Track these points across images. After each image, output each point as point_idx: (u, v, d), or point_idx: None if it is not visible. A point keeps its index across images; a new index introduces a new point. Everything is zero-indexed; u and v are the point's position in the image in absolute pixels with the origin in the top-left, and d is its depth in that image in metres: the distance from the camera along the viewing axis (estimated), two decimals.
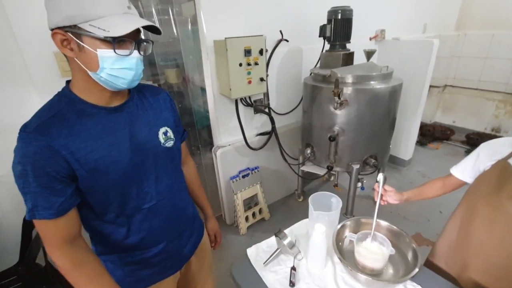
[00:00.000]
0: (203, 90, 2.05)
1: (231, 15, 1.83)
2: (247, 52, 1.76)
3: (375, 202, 1.04)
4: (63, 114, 0.66)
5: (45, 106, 0.68)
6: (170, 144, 0.84)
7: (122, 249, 0.82)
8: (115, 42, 0.63)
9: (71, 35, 0.62)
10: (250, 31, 1.90)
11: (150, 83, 2.04)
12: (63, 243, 0.68)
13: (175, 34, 1.81)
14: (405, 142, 3.06)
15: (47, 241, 0.68)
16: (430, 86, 2.79)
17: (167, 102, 0.88)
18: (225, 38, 1.67)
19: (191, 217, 1.01)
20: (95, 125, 0.69)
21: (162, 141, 0.82)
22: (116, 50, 0.64)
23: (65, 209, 0.66)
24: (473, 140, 3.58)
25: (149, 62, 1.90)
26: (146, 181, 0.79)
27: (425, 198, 1.08)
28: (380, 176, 1.03)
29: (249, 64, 1.80)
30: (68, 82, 0.72)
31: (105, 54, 0.63)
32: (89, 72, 0.65)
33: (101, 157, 0.69)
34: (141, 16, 1.66)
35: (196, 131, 2.24)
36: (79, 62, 0.65)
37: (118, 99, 0.75)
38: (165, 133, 0.83)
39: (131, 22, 0.62)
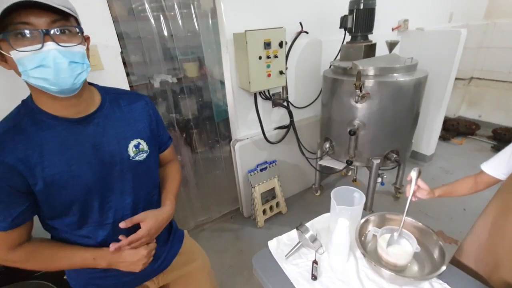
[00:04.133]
0: (222, 83, 2.06)
1: (250, 7, 1.81)
2: (267, 45, 1.74)
3: (396, 197, 1.01)
4: (21, 126, 0.63)
5: (6, 117, 0.66)
6: (141, 157, 0.78)
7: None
8: (12, 37, 0.54)
9: None
10: (269, 23, 1.87)
11: (169, 77, 2.06)
12: (11, 249, 0.67)
13: (196, 27, 1.81)
14: (427, 136, 2.96)
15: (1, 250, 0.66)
16: (455, 79, 2.67)
17: (144, 112, 0.82)
18: (245, 30, 1.66)
19: (165, 232, 0.94)
20: (54, 138, 0.65)
21: (132, 154, 0.76)
22: (18, 47, 0.55)
23: (18, 223, 0.65)
24: (500, 136, 3.40)
25: (170, 57, 1.92)
26: (111, 196, 0.74)
27: (454, 196, 1.03)
28: (414, 172, 0.96)
29: (268, 57, 1.78)
30: None
31: (16, 55, 0.56)
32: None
33: (58, 172, 0.65)
34: (162, 10, 1.68)
35: (215, 124, 2.26)
36: (14, 71, 0.60)
37: (81, 109, 0.69)
38: (137, 146, 0.77)
39: (7, 3, 0.52)
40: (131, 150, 0.76)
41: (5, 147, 0.61)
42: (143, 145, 0.79)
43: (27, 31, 0.55)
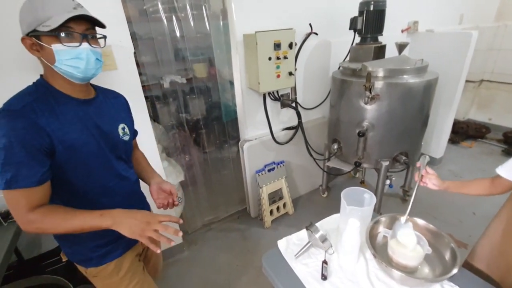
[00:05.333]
0: (231, 84, 2.07)
1: (261, 9, 1.83)
2: (277, 46, 1.75)
3: (404, 200, 1.01)
4: (43, 99, 0.78)
5: (24, 91, 0.79)
6: (126, 138, 0.98)
7: None
8: (62, 36, 0.74)
9: (35, 39, 0.75)
10: (279, 25, 1.89)
11: (179, 77, 2.09)
12: (34, 208, 0.74)
13: (207, 28, 1.83)
14: (436, 139, 2.93)
15: (20, 209, 0.73)
16: (465, 81, 2.64)
17: (124, 105, 1.05)
18: (255, 32, 1.67)
19: (143, 198, 1.14)
20: (69, 112, 0.81)
21: (121, 134, 0.96)
22: (64, 43, 0.74)
23: (44, 179, 0.75)
24: (511, 139, 3.35)
25: (180, 57, 1.94)
26: (109, 164, 0.91)
27: (466, 193, 1.01)
28: (424, 158, 1.03)
29: (278, 58, 1.79)
30: (42, 75, 0.84)
31: (58, 48, 0.74)
32: (52, 66, 0.77)
33: (75, 138, 0.80)
34: (174, 11, 1.70)
35: (223, 124, 2.27)
36: (44, 59, 0.77)
37: (86, 94, 0.88)
38: (123, 129, 0.98)
39: (67, 16, 0.72)
40: (120, 131, 0.96)
41: (36, 111, 0.74)
42: (127, 129, 1.00)
43: (71, 33, 0.76)
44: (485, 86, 3.86)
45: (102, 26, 0.82)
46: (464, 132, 3.61)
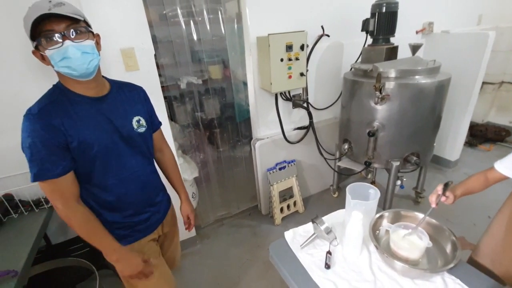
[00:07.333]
0: (244, 84, 2.15)
1: (274, 12, 1.90)
2: (289, 48, 1.81)
3: (417, 201, 1.04)
4: (58, 101, 0.84)
5: (44, 95, 0.87)
6: (142, 130, 1.02)
7: (104, 208, 0.99)
8: (44, 42, 0.77)
9: (37, 49, 0.80)
10: (292, 27, 1.95)
11: (195, 79, 2.19)
12: (73, 198, 0.86)
13: (222, 31, 1.92)
14: (451, 141, 2.89)
15: (59, 198, 0.85)
16: (484, 83, 2.59)
17: (141, 97, 1.07)
18: (268, 34, 1.74)
19: (161, 188, 1.20)
20: (82, 110, 0.87)
21: (135, 127, 1.00)
22: (48, 48, 0.77)
23: (66, 170, 0.84)
24: None
25: (197, 59, 2.04)
26: (123, 156, 0.97)
27: (471, 193, 1.04)
28: (447, 185, 1.00)
29: (290, 60, 1.85)
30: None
31: (48, 53, 0.78)
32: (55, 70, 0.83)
33: (88, 134, 0.87)
34: (192, 15, 1.80)
35: (236, 124, 2.35)
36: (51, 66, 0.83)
37: (98, 91, 0.92)
38: (138, 121, 1.01)
39: (35, 17, 0.73)
40: (134, 123, 0.99)
41: (51, 113, 0.81)
42: (143, 121, 1.03)
43: (51, 35, 0.77)
44: (506, 88, 3.74)
45: (77, 20, 0.80)
46: (483, 135, 3.52)
